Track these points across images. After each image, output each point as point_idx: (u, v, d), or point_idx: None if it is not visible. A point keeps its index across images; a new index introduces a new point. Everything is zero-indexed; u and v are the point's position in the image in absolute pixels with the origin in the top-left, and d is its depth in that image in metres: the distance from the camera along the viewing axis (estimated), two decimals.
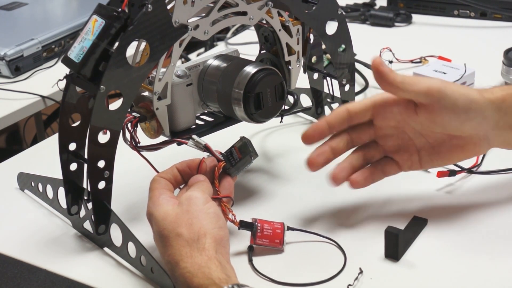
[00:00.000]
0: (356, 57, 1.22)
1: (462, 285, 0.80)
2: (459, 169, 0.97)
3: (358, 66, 1.27)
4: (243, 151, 0.86)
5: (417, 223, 0.88)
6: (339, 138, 0.89)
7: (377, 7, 1.61)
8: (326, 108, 1.12)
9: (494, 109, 0.85)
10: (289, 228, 0.86)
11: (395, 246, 0.83)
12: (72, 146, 0.85)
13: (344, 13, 1.02)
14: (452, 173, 0.95)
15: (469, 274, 0.81)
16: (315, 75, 1.09)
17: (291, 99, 0.98)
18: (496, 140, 0.88)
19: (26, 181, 0.99)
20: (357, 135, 0.89)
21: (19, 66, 1.43)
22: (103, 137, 0.82)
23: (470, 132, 0.86)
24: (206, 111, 0.96)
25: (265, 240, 0.84)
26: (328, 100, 1.10)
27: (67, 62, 0.82)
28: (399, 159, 0.89)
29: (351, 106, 0.88)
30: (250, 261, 0.83)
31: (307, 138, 0.88)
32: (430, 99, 0.84)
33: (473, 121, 0.85)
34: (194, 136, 0.88)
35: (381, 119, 0.88)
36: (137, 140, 0.87)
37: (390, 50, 1.31)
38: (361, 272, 0.80)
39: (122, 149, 0.85)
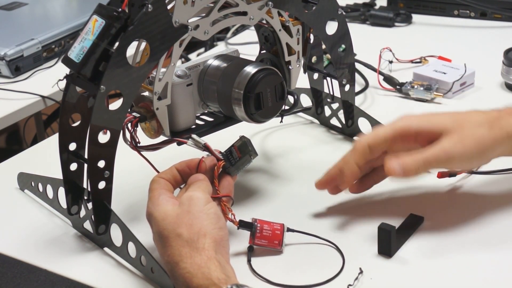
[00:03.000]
0: (356, 57, 1.22)
1: (456, 283, 0.80)
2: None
3: (358, 66, 1.27)
4: (242, 150, 0.86)
5: (413, 221, 0.89)
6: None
7: (377, 7, 1.61)
8: (326, 108, 1.12)
9: (506, 142, 0.86)
10: (288, 230, 0.85)
11: (388, 243, 0.83)
12: (72, 146, 0.85)
13: (344, 13, 1.02)
14: (452, 173, 0.95)
15: (464, 272, 0.81)
16: (315, 75, 1.09)
17: (291, 99, 0.98)
18: (499, 155, 0.89)
19: (26, 181, 0.99)
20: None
21: (19, 66, 1.43)
22: (103, 137, 0.82)
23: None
24: (206, 111, 0.96)
25: (264, 240, 0.84)
26: (328, 100, 1.10)
27: (67, 62, 0.82)
28: None
29: (372, 142, 0.87)
30: (249, 261, 0.83)
31: (320, 185, 0.91)
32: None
33: (483, 161, 0.89)
34: (194, 136, 0.88)
35: (395, 149, 0.88)
36: (137, 140, 0.87)
37: (390, 50, 1.31)
38: (361, 272, 0.80)
39: (122, 149, 0.85)
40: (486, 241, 0.86)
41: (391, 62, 1.30)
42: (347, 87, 1.04)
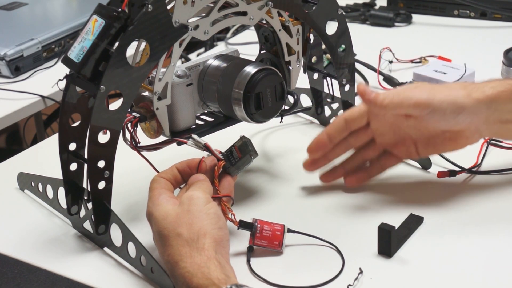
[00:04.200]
0: (356, 57, 1.22)
1: (456, 283, 0.80)
2: (459, 169, 0.97)
3: (358, 66, 1.27)
4: (243, 150, 0.86)
5: (413, 221, 0.89)
6: (337, 147, 0.94)
7: (377, 7, 1.61)
8: (326, 108, 1.12)
9: (483, 107, 0.88)
10: (289, 230, 0.85)
11: (388, 243, 0.83)
12: (72, 146, 0.85)
13: (344, 13, 1.02)
14: (452, 173, 0.96)
15: (464, 272, 0.81)
16: (315, 75, 1.09)
17: (291, 99, 0.98)
18: (487, 132, 0.91)
19: (26, 181, 0.99)
20: (355, 138, 0.94)
21: (19, 66, 1.43)
22: (103, 137, 0.82)
23: (461, 128, 0.89)
24: (206, 111, 0.96)
25: (264, 241, 0.84)
26: (328, 100, 1.10)
27: (67, 62, 0.82)
28: (397, 152, 0.94)
29: (347, 115, 0.93)
30: (248, 262, 0.83)
31: (311, 151, 0.94)
32: (419, 112, 0.88)
33: (462, 123, 0.88)
34: (194, 136, 0.88)
35: (377, 121, 0.92)
36: (137, 140, 0.87)
37: (390, 50, 1.31)
38: (361, 272, 0.80)
39: (122, 149, 0.85)
40: (486, 240, 0.86)
41: (391, 62, 1.30)
42: (347, 87, 1.04)
